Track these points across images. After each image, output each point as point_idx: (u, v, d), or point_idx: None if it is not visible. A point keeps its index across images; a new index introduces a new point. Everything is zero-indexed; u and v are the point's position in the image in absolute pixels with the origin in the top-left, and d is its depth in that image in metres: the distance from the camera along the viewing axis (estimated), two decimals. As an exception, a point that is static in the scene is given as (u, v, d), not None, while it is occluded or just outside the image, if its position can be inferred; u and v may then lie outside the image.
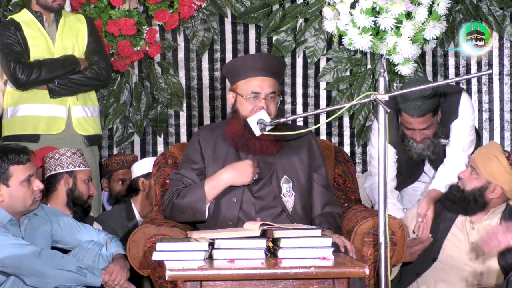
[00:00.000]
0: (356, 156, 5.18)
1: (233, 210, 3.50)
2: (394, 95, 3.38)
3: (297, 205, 3.54)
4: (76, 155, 4.10)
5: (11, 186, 3.40)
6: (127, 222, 4.27)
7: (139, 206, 4.37)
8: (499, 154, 3.79)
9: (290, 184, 3.56)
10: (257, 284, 2.91)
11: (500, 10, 5.14)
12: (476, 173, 3.79)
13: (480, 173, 3.78)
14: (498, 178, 3.76)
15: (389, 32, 4.82)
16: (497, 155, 3.77)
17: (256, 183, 3.53)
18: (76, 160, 4.07)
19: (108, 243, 3.58)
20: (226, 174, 3.48)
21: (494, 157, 3.76)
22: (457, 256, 3.80)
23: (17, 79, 4.36)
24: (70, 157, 4.05)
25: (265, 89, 3.52)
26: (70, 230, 3.64)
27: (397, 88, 5.09)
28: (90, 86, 4.54)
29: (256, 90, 3.52)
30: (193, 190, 3.50)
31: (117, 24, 4.89)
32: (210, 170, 3.58)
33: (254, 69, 3.54)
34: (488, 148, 3.85)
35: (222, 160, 3.58)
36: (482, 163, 3.77)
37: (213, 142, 3.62)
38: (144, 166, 4.45)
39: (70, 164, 4.02)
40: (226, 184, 3.48)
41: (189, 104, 5.14)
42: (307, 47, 5.13)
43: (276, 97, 3.55)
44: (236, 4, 5.09)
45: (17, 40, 4.41)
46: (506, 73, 5.22)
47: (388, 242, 3.21)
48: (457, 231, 3.83)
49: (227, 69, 3.66)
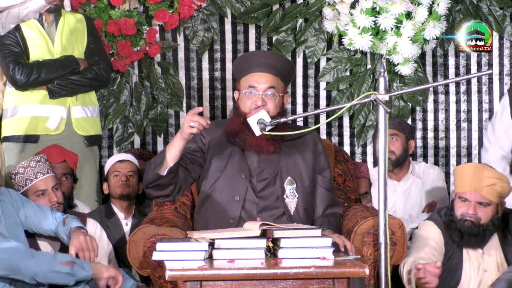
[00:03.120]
0: (356, 156, 5.18)
1: (235, 208, 3.50)
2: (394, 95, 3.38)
3: (299, 207, 3.54)
4: (41, 162, 3.89)
5: None
6: (106, 219, 4.28)
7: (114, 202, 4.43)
8: (489, 173, 3.70)
9: (294, 185, 3.56)
10: (257, 284, 2.91)
11: (500, 10, 5.14)
12: (485, 204, 3.70)
13: (491, 202, 3.70)
14: (504, 196, 3.73)
15: (389, 32, 4.82)
16: (492, 176, 3.68)
17: (260, 181, 3.53)
18: (43, 167, 3.87)
19: (66, 221, 3.56)
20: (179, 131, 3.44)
21: (493, 180, 3.68)
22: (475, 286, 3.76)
23: (16, 80, 4.36)
24: (36, 167, 3.87)
25: (261, 84, 3.53)
26: (34, 219, 3.61)
27: (397, 88, 5.09)
28: (89, 87, 4.54)
29: (252, 84, 3.54)
30: (160, 153, 3.51)
31: (117, 24, 4.89)
32: (212, 164, 3.58)
33: (253, 65, 3.57)
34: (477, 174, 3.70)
35: (227, 157, 3.58)
36: (489, 194, 3.67)
37: (218, 137, 3.63)
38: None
39: (39, 173, 3.84)
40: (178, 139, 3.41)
41: (189, 104, 5.14)
42: (307, 47, 5.13)
43: (276, 94, 3.55)
44: (236, 4, 5.09)
45: (17, 40, 4.41)
46: (506, 73, 5.21)
47: (388, 242, 3.21)
48: (467, 264, 3.77)
49: (234, 68, 3.71)
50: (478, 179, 3.67)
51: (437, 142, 5.21)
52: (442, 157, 5.21)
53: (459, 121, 5.21)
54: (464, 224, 3.69)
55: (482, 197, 3.68)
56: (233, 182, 3.54)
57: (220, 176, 3.57)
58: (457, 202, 3.74)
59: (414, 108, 5.19)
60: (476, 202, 3.69)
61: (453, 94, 5.21)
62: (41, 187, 3.81)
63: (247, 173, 3.55)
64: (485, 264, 3.74)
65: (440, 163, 5.19)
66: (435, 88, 5.18)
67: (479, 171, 3.71)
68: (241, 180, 3.54)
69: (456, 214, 3.72)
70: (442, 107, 5.21)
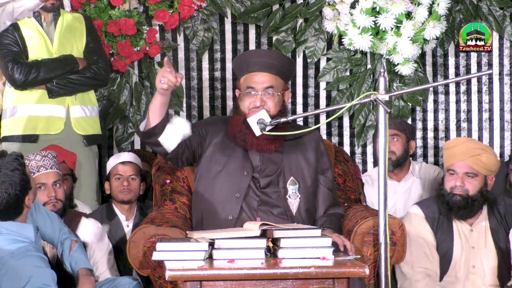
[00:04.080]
0: (356, 156, 5.18)
1: (234, 205, 3.50)
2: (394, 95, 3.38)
3: (301, 207, 3.54)
4: (48, 157, 3.89)
5: None
6: (107, 221, 4.28)
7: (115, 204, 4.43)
8: (474, 144, 3.84)
9: (296, 186, 3.56)
10: (257, 284, 2.91)
11: (500, 10, 5.14)
12: (472, 175, 3.79)
13: (478, 173, 3.79)
14: (492, 168, 3.81)
15: (389, 32, 4.81)
16: (477, 147, 3.80)
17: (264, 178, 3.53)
18: (48, 162, 3.87)
19: (72, 248, 3.45)
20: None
21: (478, 150, 3.78)
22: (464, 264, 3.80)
23: (15, 79, 4.35)
24: (41, 161, 3.87)
25: (260, 84, 3.54)
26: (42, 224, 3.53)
27: (397, 88, 5.09)
28: (88, 86, 4.53)
29: (251, 85, 3.55)
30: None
31: (117, 24, 4.89)
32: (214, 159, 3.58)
33: (251, 64, 3.57)
34: (463, 146, 3.82)
35: (229, 154, 3.58)
36: (475, 164, 3.78)
37: (221, 132, 3.63)
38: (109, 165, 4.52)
39: (42, 167, 3.84)
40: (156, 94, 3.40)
41: (189, 104, 5.14)
42: (307, 47, 5.13)
43: (275, 93, 3.55)
44: (236, 4, 5.09)
45: (15, 40, 4.40)
46: (506, 73, 5.21)
47: (388, 242, 3.21)
48: (457, 239, 3.83)
49: (234, 67, 3.73)
50: (464, 150, 3.79)
51: (437, 142, 5.21)
52: (442, 157, 5.21)
53: (459, 121, 5.21)
54: (453, 198, 3.79)
55: (469, 167, 3.78)
56: (235, 179, 3.53)
57: (221, 171, 3.56)
58: (446, 175, 3.85)
59: (414, 108, 5.19)
60: (464, 173, 3.79)
61: (453, 94, 5.21)
62: (41, 181, 3.79)
63: (249, 171, 3.55)
64: (473, 241, 3.79)
65: (440, 163, 5.19)
66: (435, 88, 5.18)
67: (465, 143, 3.86)
68: (243, 177, 3.54)
69: (446, 188, 3.83)
70: (442, 107, 5.21)
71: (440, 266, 3.80)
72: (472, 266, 3.79)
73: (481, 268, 3.78)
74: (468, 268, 3.79)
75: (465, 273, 3.78)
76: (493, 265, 3.78)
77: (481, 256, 3.79)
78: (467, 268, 3.79)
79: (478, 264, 3.78)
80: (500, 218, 3.81)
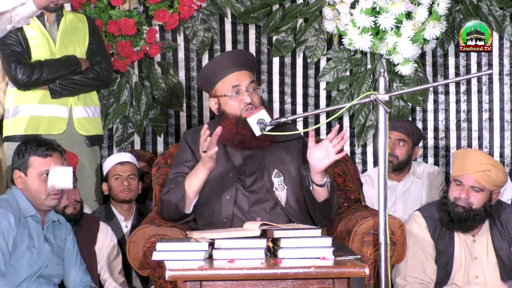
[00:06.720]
0: (356, 156, 5.18)
1: (227, 208, 3.50)
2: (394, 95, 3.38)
3: (290, 198, 3.55)
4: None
5: (28, 176, 3.49)
6: (106, 221, 4.28)
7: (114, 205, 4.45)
8: (485, 159, 3.76)
9: (281, 177, 3.58)
10: (257, 284, 2.91)
11: (500, 10, 5.14)
12: (478, 189, 3.73)
13: (484, 188, 3.72)
14: (499, 184, 3.75)
15: (389, 32, 4.82)
16: (487, 163, 3.73)
17: (249, 176, 3.54)
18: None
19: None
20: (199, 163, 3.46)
21: (489, 166, 3.71)
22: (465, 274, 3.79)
23: (18, 79, 4.36)
24: None
25: (243, 81, 3.55)
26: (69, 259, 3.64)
27: (397, 88, 5.09)
28: (91, 87, 4.53)
29: (235, 84, 3.55)
30: (176, 188, 3.50)
31: (117, 24, 4.89)
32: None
33: (226, 67, 3.57)
34: (474, 160, 3.75)
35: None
36: (483, 180, 3.71)
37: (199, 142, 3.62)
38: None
39: None
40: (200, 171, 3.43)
41: (189, 104, 5.14)
42: (307, 47, 5.13)
43: (256, 88, 3.58)
44: (236, 4, 5.09)
45: (18, 40, 4.40)
46: (506, 73, 5.22)
47: (388, 242, 3.21)
48: (458, 249, 3.80)
49: (201, 79, 3.69)
50: (473, 163, 3.72)
51: (437, 142, 5.21)
52: (442, 157, 5.21)
53: (459, 121, 5.22)
54: (455, 209, 3.73)
55: (475, 181, 3.72)
56: (222, 182, 3.54)
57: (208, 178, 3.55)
58: (452, 185, 3.79)
59: (414, 108, 5.19)
60: (470, 186, 3.73)
61: (453, 94, 5.22)
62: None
63: (234, 171, 3.56)
64: (475, 251, 3.77)
65: (440, 163, 5.19)
66: (435, 88, 5.18)
67: (476, 156, 3.78)
68: (229, 178, 3.55)
69: (450, 197, 3.77)
70: (442, 107, 5.21)
71: (441, 275, 3.77)
72: (475, 276, 3.76)
73: (483, 279, 3.75)
74: (469, 278, 3.77)
75: (466, 283, 3.76)
76: (496, 277, 3.75)
77: (484, 267, 3.76)
78: (468, 278, 3.76)
79: (481, 275, 3.75)
80: (501, 228, 3.78)
